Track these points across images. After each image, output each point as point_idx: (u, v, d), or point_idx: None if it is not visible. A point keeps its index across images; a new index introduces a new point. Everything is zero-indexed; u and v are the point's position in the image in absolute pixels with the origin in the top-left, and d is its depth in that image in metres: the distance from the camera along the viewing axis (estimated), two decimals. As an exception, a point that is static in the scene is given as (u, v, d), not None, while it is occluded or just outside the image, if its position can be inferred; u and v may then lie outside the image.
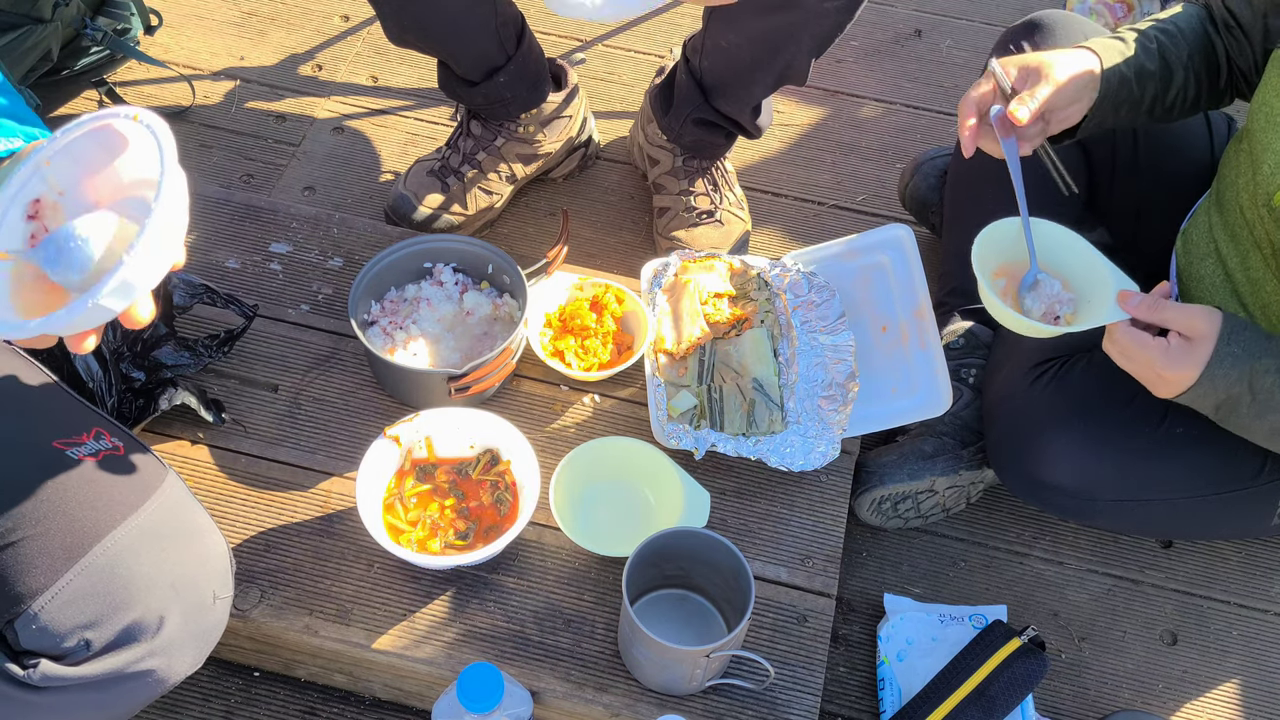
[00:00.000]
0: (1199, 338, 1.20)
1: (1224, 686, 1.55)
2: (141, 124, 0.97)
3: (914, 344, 1.56)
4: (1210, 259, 1.42)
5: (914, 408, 1.53)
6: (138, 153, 1.00)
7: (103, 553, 1.07)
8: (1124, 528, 1.60)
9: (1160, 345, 1.21)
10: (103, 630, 1.05)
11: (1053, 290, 1.31)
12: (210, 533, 1.18)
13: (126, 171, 1.02)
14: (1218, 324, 1.20)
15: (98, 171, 1.01)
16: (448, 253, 1.57)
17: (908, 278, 1.61)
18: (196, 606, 1.13)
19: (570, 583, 1.39)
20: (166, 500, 1.14)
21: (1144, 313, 1.22)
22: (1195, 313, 1.21)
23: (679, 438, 1.45)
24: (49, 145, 1.00)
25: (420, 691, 1.39)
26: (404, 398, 1.50)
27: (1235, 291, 1.39)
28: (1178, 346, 1.21)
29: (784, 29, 1.56)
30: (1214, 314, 1.21)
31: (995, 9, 2.34)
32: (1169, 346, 1.21)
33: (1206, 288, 1.44)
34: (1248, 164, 1.32)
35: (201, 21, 2.18)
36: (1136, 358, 1.23)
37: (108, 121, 0.99)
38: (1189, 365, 1.20)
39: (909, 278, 1.60)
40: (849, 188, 2.03)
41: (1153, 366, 1.22)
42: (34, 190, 1.01)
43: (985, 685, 1.41)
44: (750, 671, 1.32)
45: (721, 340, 1.55)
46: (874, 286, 1.62)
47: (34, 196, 1.01)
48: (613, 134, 2.06)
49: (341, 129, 2.04)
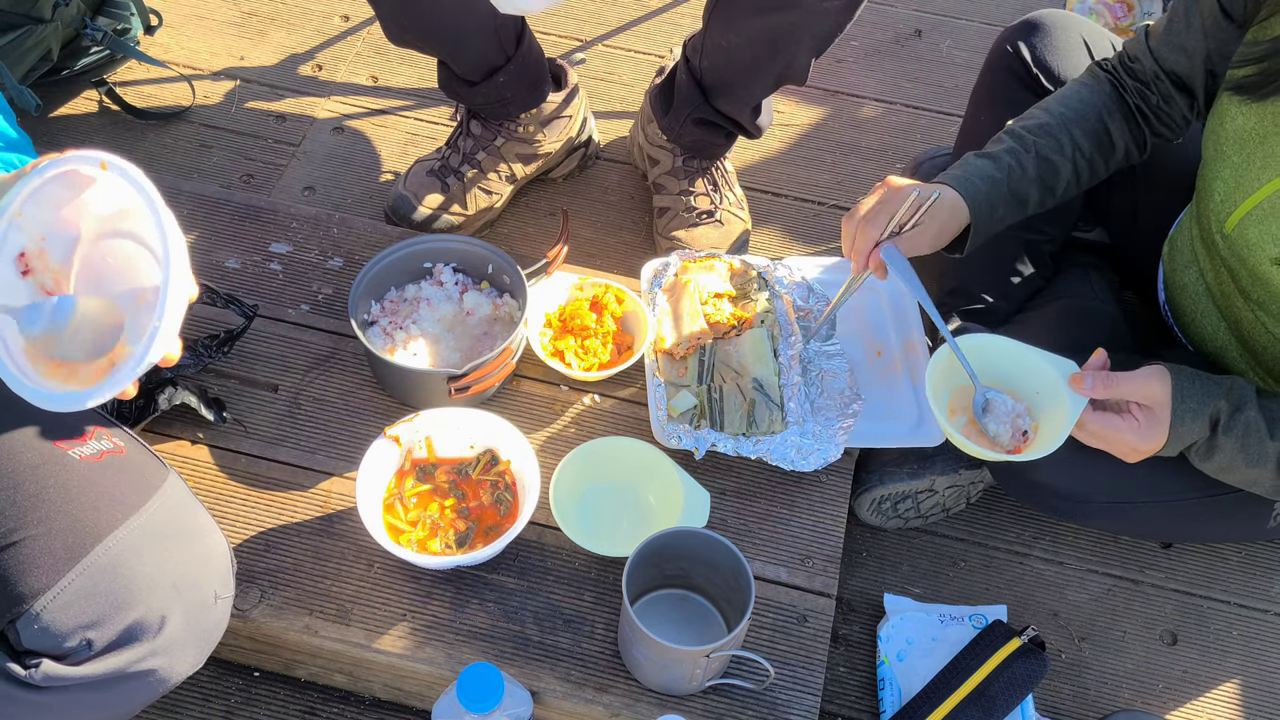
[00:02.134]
0: (1158, 404, 1.24)
1: (1224, 686, 1.55)
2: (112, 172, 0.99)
3: (906, 377, 1.57)
4: (1193, 268, 1.42)
5: (907, 434, 1.53)
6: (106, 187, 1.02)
7: (104, 553, 1.07)
8: (1119, 529, 1.60)
9: (1130, 424, 1.25)
10: (104, 630, 1.06)
11: (1006, 406, 1.34)
12: (211, 532, 1.18)
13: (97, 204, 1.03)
14: (1168, 384, 1.23)
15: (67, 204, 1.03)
16: (448, 253, 1.57)
17: (900, 304, 1.62)
18: (198, 606, 1.13)
19: (570, 583, 1.39)
20: (168, 500, 1.14)
21: (1100, 392, 1.26)
22: (1147, 379, 1.24)
23: (679, 438, 1.45)
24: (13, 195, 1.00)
25: (420, 691, 1.39)
26: (404, 398, 1.50)
27: (1215, 302, 1.40)
28: (1144, 419, 1.24)
29: (784, 28, 1.56)
30: (1163, 374, 1.24)
31: (995, 9, 2.34)
32: (1139, 424, 1.24)
33: (1190, 295, 1.44)
34: (1205, 188, 1.34)
35: (201, 21, 2.18)
36: (1112, 440, 1.27)
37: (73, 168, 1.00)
38: (1158, 434, 1.24)
39: (902, 304, 1.62)
40: (849, 188, 2.03)
41: (1129, 446, 1.26)
42: (16, 244, 1.02)
43: (985, 685, 1.41)
44: (750, 671, 1.32)
45: (721, 340, 1.55)
46: (870, 306, 1.63)
47: (19, 250, 1.02)
48: (613, 134, 2.06)
49: (341, 129, 2.04)
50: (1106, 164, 1.44)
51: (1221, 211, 1.30)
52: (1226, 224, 1.30)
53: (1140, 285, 1.63)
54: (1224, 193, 1.30)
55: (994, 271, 1.61)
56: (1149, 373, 1.24)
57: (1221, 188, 1.30)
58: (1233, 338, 1.39)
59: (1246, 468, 1.25)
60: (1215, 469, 1.28)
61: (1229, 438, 1.23)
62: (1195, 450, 1.26)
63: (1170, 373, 1.24)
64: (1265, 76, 1.23)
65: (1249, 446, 1.23)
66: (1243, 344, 1.38)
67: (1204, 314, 1.42)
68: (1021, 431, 1.32)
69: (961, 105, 1.78)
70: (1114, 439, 1.26)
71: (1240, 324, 1.36)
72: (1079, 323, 1.52)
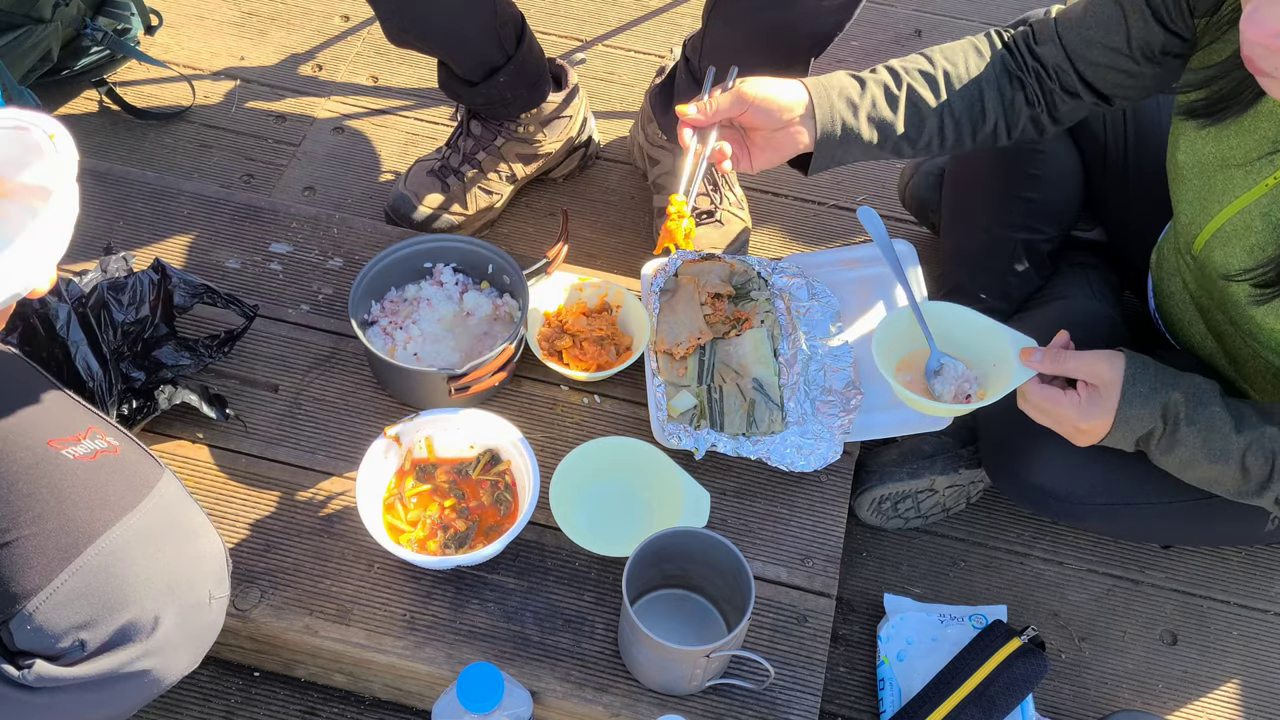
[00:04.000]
0: (1105, 384, 1.22)
1: (1224, 686, 1.55)
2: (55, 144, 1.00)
3: None
4: (1177, 277, 1.43)
5: (914, 420, 1.53)
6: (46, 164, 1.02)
7: (97, 553, 1.07)
8: (1117, 532, 1.60)
9: (1072, 399, 1.24)
10: (97, 630, 1.05)
11: (957, 371, 1.34)
12: (206, 532, 1.17)
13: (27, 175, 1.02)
14: (1120, 367, 1.22)
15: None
16: (448, 253, 1.57)
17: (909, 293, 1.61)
18: (192, 606, 1.13)
19: (570, 583, 1.39)
20: (162, 500, 1.14)
21: (1047, 366, 1.25)
22: (1097, 359, 1.23)
23: (679, 438, 1.45)
24: None
25: (420, 691, 1.39)
26: (404, 398, 1.50)
27: (1200, 313, 1.40)
28: (1088, 398, 1.23)
29: (783, 28, 1.56)
30: (1116, 357, 1.23)
31: (995, 9, 2.34)
32: (1080, 400, 1.23)
33: (1176, 304, 1.44)
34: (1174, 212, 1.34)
35: (201, 21, 2.18)
36: (1052, 413, 1.26)
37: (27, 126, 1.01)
38: (1101, 414, 1.23)
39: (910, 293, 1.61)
40: (849, 188, 2.03)
41: (1070, 421, 1.25)
42: None
43: (985, 685, 1.41)
44: (750, 671, 1.32)
45: (721, 340, 1.55)
46: (874, 298, 1.63)
47: None
48: (613, 134, 2.06)
49: (341, 129, 2.04)
50: (974, 134, 1.38)
51: (1188, 234, 1.31)
52: (1194, 246, 1.30)
53: (1139, 286, 1.63)
54: (1189, 215, 1.30)
55: (993, 271, 1.61)
56: (1100, 354, 1.23)
57: (1187, 210, 1.30)
58: (1219, 347, 1.39)
59: (1209, 463, 1.23)
60: (1177, 464, 1.26)
61: (1192, 430, 1.21)
62: (1156, 444, 1.24)
63: (1125, 357, 1.23)
64: (1215, 101, 1.23)
65: (1212, 441, 1.22)
66: (1226, 354, 1.38)
67: (1190, 322, 1.42)
68: (965, 395, 1.33)
69: (961, 105, 1.78)
70: (1054, 412, 1.25)
71: (1222, 336, 1.36)
72: (1077, 323, 1.52)
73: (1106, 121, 1.58)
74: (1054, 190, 1.58)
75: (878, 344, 1.33)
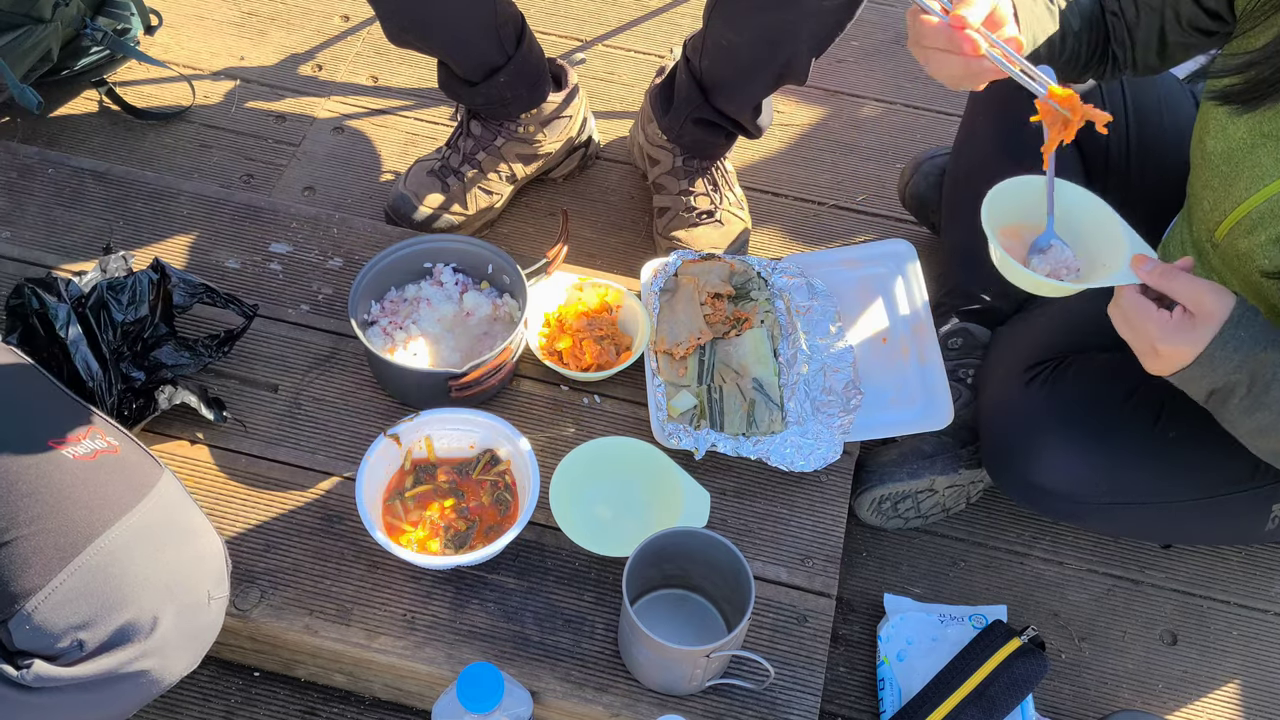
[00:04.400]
0: (1203, 315, 1.14)
1: (1224, 686, 1.55)
2: None
3: (914, 358, 1.57)
4: None
5: (914, 419, 1.53)
6: None
7: (96, 553, 1.07)
8: (1117, 531, 1.60)
9: (1161, 317, 1.16)
10: (96, 631, 1.05)
11: (1064, 256, 1.25)
12: (205, 532, 1.17)
13: None
14: (1229, 306, 1.14)
15: None
16: (448, 253, 1.57)
17: (908, 292, 1.62)
18: (191, 607, 1.13)
19: (570, 583, 1.39)
20: (161, 500, 1.14)
21: (1154, 279, 1.16)
22: (1205, 289, 1.15)
23: (679, 438, 1.45)
24: None
25: (420, 691, 1.39)
26: (404, 398, 1.50)
27: None
28: (1179, 321, 1.15)
29: (783, 28, 1.56)
30: (1226, 295, 1.15)
31: (995, 9, 2.34)
32: (1169, 320, 1.15)
33: None
34: (1194, 197, 1.33)
35: (201, 21, 2.18)
36: (1137, 326, 1.18)
37: None
38: (1186, 343, 1.15)
39: (910, 292, 1.62)
40: (849, 188, 2.03)
41: (1150, 338, 1.17)
42: None
43: (985, 685, 1.41)
44: (750, 671, 1.32)
45: (721, 340, 1.55)
46: (874, 297, 1.63)
47: None
48: (613, 134, 2.06)
49: (341, 129, 2.04)
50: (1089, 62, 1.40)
51: (1210, 220, 1.30)
52: (1216, 233, 1.29)
53: (1140, 285, 1.63)
54: (1212, 202, 1.29)
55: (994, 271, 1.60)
56: (1212, 286, 1.15)
57: (1210, 197, 1.29)
58: None
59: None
60: (1253, 428, 1.20)
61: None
62: (1238, 402, 1.17)
63: (1236, 299, 1.15)
64: (1253, 87, 1.22)
65: None
66: None
67: None
68: (1059, 278, 1.24)
69: (961, 105, 1.78)
70: (1140, 325, 1.17)
71: None
72: (1077, 323, 1.52)
73: None
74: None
75: (990, 202, 1.23)
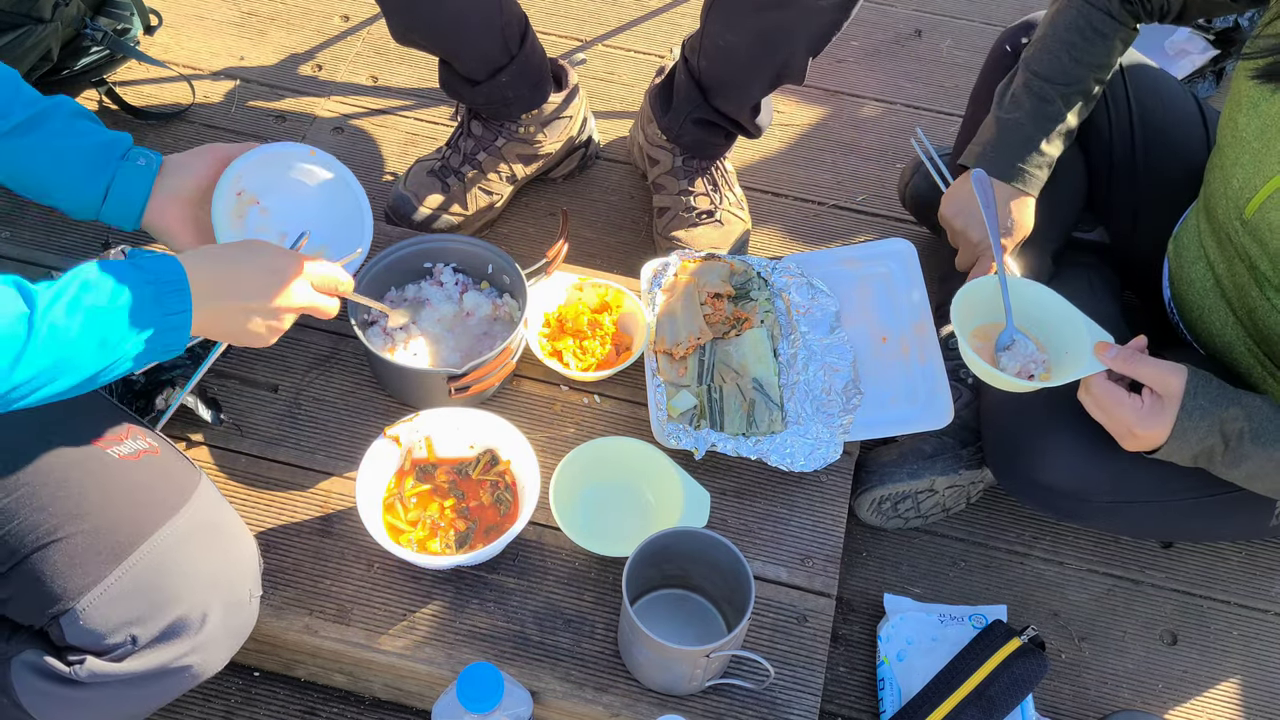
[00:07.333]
0: (1170, 396, 1.24)
1: (1224, 686, 1.55)
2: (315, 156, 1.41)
3: (914, 357, 1.57)
4: (1200, 263, 1.43)
5: (915, 418, 1.53)
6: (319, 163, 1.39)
7: (149, 551, 1.10)
8: (1120, 529, 1.60)
9: (1135, 403, 1.25)
10: (149, 626, 1.08)
11: (1027, 350, 1.35)
12: (243, 533, 1.21)
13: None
14: (1185, 379, 1.24)
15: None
16: (448, 253, 1.57)
17: (909, 291, 1.61)
18: (234, 604, 1.16)
19: (570, 583, 1.39)
20: (203, 501, 1.17)
21: (1120, 365, 1.26)
22: (1171, 371, 1.24)
23: (679, 438, 1.45)
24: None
25: (420, 691, 1.39)
26: (404, 398, 1.50)
27: (1224, 296, 1.40)
28: (1150, 405, 1.25)
29: (780, 27, 1.56)
30: (1183, 370, 1.24)
31: (995, 9, 2.34)
32: (1142, 405, 1.25)
33: (1197, 291, 1.44)
34: (1220, 177, 1.34)
35: (201, 21, 2.18)
36: (1111, 413, 1.27)
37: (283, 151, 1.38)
38: (1160, 424, 1.24)
39: (910, 291, 1.61)
40: (849, 188, 2.03)
41: (1126, 423, 1.26)
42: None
43: (985, 685, 1.41)
44: (750, 671, 1.32)
45: (721, 340, 1.55)
46: (875, 296, 1.63)
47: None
48: (613, 134, 2.06)
49: (341, 129, 2.04)
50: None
51: (1241, 197, 1.31)
52: (1246, 209, 1.30)
53: (1141, 285, 1.63)
54: (1243, 179, 1.30)
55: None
56: (1173, 366, 1.25)
57: (1240, 174, 1.30)
58: (1241, 330, 1.39)
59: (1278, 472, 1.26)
60: (1245, 477, 1.28)
61: (1258, 444, 1.23)
62: (1221, 459, 1.26)
63: (1189, 371, 1.24)
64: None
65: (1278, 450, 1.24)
66: (1253, 336, 1.38)
67: (1211, 309, 1.42)
68: (1029, 375, 1.33)
69: (961, 105, 1.78)
70: (1114, 413, 1.26)
71: (1254, 313, 1.35)
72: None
73: (1111, 120, 1.58)
74: (1055, 191, 1.58)
75: (957, 306, 1.33)
